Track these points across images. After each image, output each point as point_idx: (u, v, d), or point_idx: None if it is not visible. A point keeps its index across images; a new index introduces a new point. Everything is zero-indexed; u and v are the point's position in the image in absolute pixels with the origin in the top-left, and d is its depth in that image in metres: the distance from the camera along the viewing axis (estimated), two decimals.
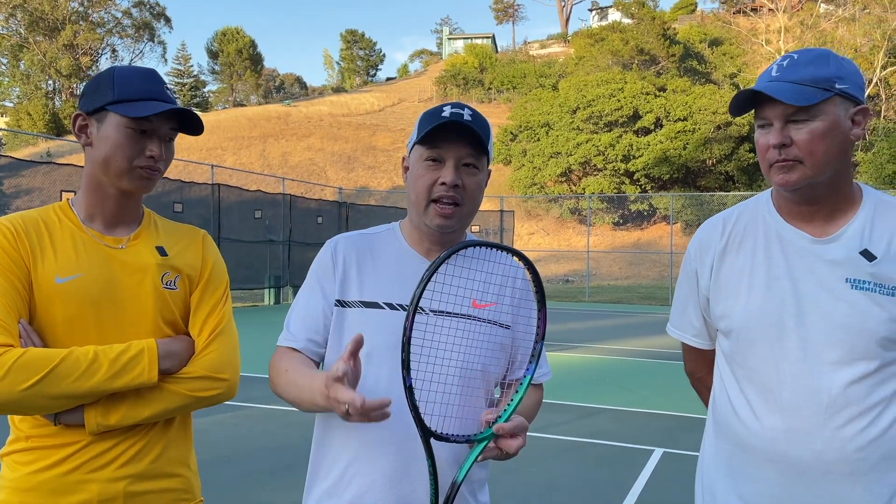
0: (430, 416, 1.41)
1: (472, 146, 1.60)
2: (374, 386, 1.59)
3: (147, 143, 1.67)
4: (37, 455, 1.60)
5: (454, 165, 1.60)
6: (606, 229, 37.75)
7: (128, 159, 1.65)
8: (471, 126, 1.57)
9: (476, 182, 1.64)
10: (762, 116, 1.63)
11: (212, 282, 1.81)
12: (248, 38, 75.85)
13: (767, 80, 1.63)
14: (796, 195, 1.65)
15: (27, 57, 56.18)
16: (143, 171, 1.68)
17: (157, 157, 1.68)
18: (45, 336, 1.60)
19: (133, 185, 1.69)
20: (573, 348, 12.08)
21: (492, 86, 60.21)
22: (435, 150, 1.60)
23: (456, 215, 1.62)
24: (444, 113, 1.60)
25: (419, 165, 1.63)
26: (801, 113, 1.57)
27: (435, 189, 1.60)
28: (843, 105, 1.59)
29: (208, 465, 5.28)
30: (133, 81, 1.66)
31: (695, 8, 69.76)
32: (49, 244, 1.64)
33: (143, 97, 1.65)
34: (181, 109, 1.69)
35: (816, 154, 1.58)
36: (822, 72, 1.58)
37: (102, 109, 1.66)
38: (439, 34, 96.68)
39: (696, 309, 1.87)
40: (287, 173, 41.19)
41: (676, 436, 6.42)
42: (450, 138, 1.59)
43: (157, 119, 1.66)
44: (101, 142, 1.66)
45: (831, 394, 1.60)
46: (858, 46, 38.80)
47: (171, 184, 17.75)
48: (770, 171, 1.64)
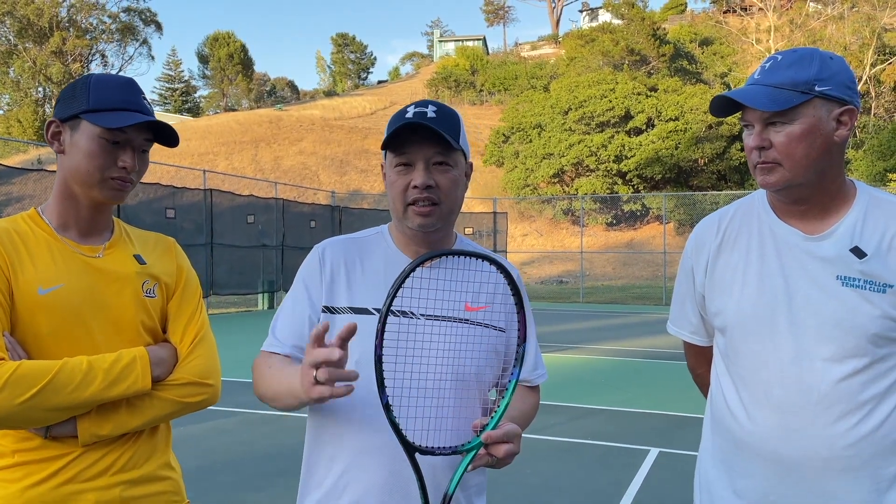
0: (417, 430, 1.39)
1: (439, 144, 1.57)
2: (366, 393, 1.57)
3: (120, 153, 1.64)
4: (27, 470, 1.58)
5: (424, 167, 1.57)
6: (599, 230, 37.82)
7: (99, 169, 1.63)
8: (432, 126, 1.54)
9: (451, 178, 1.61)
10: (745, 119, 1.66)
11: (188, 289, 1.82)
12: (239, 43, 75.75)
13: (749, 83, 1.65)
14: (781, 195, 1.68)
15: (17, 64, 55.93)
16: (114, 182, 1.65)
17: (130, 168, 1.65)
18: (28, 348, 1.58)
19: (104, 196, 1.66)
20: (568, 349, 12.08)
21: (483, 88, 60.31)
22: (403, 154, 1.58)
23: (434, 214, 1.60)
24: (407, 114, 1.58)
25: (391, 171, 1.62)
26: (778, 116, 1.59)
27: (409, 193, 1.58)
28: (826, 107, 1.59)
29: (201, 471, 5.25)
30: (109, 91, 1.64)
31: (685, 8, 70.02)
32: (26, 255, 1.61)
33: (118, 107, 1.62)
34: (156, 121, 1.66)
35: (794, 156, 1.59)
36: (802, 74, 1.58)
37: (76, 117, 1.63)
38: (430, 37, 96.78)
39: (693, 306, 1.88)
40: (279, 178, 41.13)
41: (672, 435, 6.43)
42: (414, 140, 1.56)
43: (131, 130, 1.64)
44: (73, 150, 1.64)
45: (822, 390, 1.60)
46: (848, 44, 39.02)
47: (163, 189, 17.69)
48: (755, 172, 1.67)
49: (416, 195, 1.57)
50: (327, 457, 1.62)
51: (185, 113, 77.26)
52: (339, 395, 1.30)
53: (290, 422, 6.66)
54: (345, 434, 1.59)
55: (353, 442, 1.58)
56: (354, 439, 1.57)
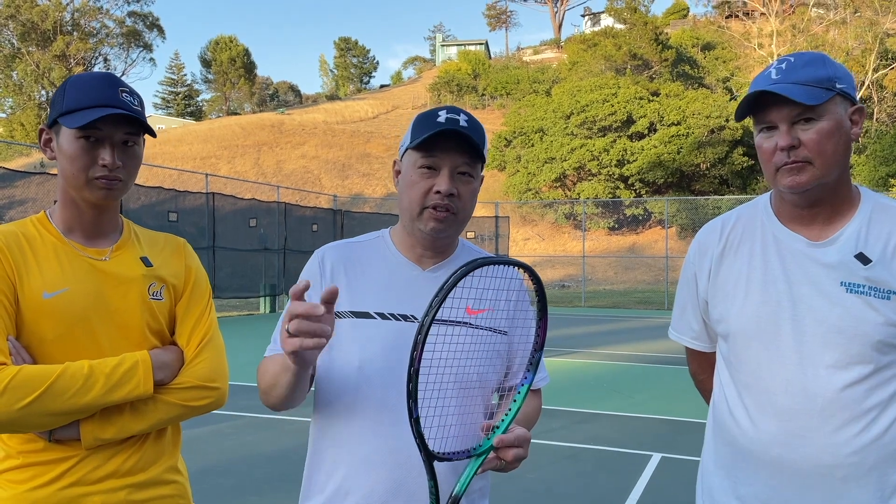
0: (431, 439, 1.37)
1: (469, 154, 1.57)
2: (366, 398, 1.57)
3: (100, 151, 1.61)
4: (33, 472, 1.58)
5: (449, 174, 1.56)
6: (601, 234, 37.80)
7: (82, 170, 1.61)
8: (468, 134, 1.54)
9: (471, 190, 1.61)
10: (766, 120, 1.61)
11: (196, 291, 1.80)
12: (242, 47, 75.86)
13: (768, 83, 1.60)
14: (804, 197, 1.63)
15: (20, 67, 56.09)
16: (99, 182, 1.62)
17: (110, 165, 1.61)
18: (33, 352, 1.58)
19: (94, 197, 1.64)
20: (570, 353, 12.07)
21: (485, 92, 60.32)
22: (430, 157, 1.57)
23: (449, 221, 1.59)
24: (439, 118, 1.56)
25: (413, 172, 1.59)
26: (807, 113, 1.56)
27: (430, 197, 1.57)
28: (843, 105, 1.60)
29: (203, 474, 5.25)
30: (83, 90, 1.60)
31: (687, 13, 70.05)
32: (32, 259, 1.61)
33: (92, 104, 1.59)
34: (127, 114, 1.60)
35: (826, 154, 1.57)
36: (822, 72, 1.58)
37: (56, 122, 1.62)
38: (432, 41, 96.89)
39: (695, 312, 1.87)
40: (281, 181, 41.16)
41: (675, 440, 6.41)
42: (446, 146, 1.55)
43: (107, 126, 1.60)
44: (59, 155, 1.64)
45: (827, 397, 1.59)
46: (850, 49, 39.02)
47: (166, 193, 17.73)
48: (777, 175, 1.62)
49: (437, 200, 1.56)
50: (330, 461, 1.62)
51: (187, 117, 77.42)
52: (307, 347, 1.28)
53: (292, 426, 6.66)
54: (348, 439, 1.59)
55: (355, 447, 1.57)
56: (357, 444, 1.57)
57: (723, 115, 35.98)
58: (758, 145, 1.66)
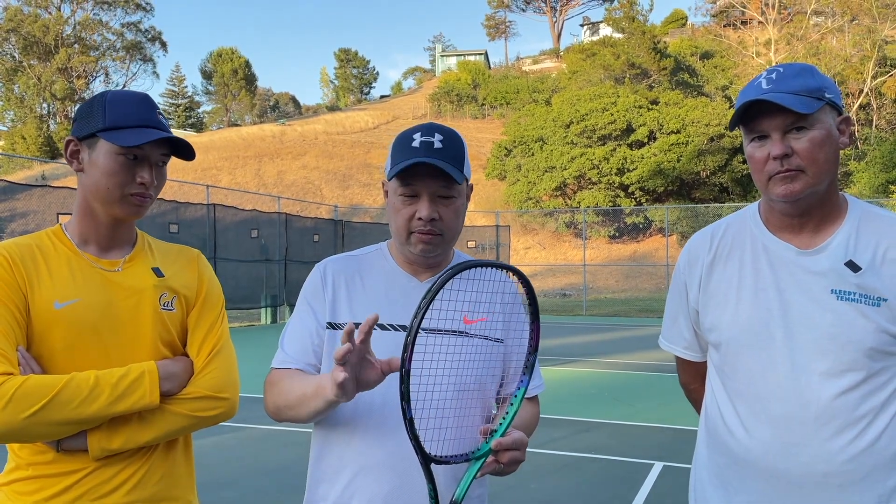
0: (428, 441, 1.39)
1: (445, 178, 1.60)
2: (368, 407, 1.60)
3: (138, 170, 1.66)
4: (41, 483, 1.59)
5: (429, 200, 1.61)
6: (602, 242, 37.80)
7: (119, 186, 1.65)
8: (440, 164, 1.56)
9: (453, 210, 1.64)
10: (758, 129, 1.63)
11: (208, 301, 1.81)
12: (243, 59, 76.14)
13: (759, 92, 1.61)
14: (796, 206, 1.65)
15: (21, 80, 56.32)
16: (134, 199, 1.67)
17: (148, 184, 1.67)
18: (43, 362, 1.59)
19: (124, 213, 1.69)
20: (571, 362, 12.06)
21: (485, 102, 60.48)
22: (408, 186, 1.61)
23: (437, 241, 1.64)
24: (413, 143, 1.59)
25: (396, 198, 1.64)
26: (800, 122, 1.58)
27: (414, 223, 1.62)
28: (831, 114, 1.63)
29: (207, 487, 5.25)
30: (125, 108, 1.65)
31: (685, 22, 70.29)
32: (45, 270, 1.63)
33: (135, 124, 1.64)
34: (172, 137, 1.68)
35: (818, 162, 1.59)
36: (812, 82, 1.61)
37: (93, 136, 1.65)
38: (432, 51, 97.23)
39: (686, 321, 1.88)
40: (282, 192, 41.23)
41: (676, 449, 6.40)
42: (422, 173, 1.58)
43: (148, 146, 1.66)
44: (92, 168, 1.66)
45: (820, 405, 1.60)
46: (849, 57, 39.15)
47: (167, 204, 17.75)
48: (769, 184, 1.63)
49: (419, 227, 1.61)
50: (332, 470, 1.64)
51: (188, 128, 77.56)
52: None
53: (294, 437, 6.66)
54: (349, 447, 1.62)
55: (357, 455, 1.60)
56: (359, 452, 1.60)
57: (722, 123, 36.04)
58: (749, 155, 1.67)
